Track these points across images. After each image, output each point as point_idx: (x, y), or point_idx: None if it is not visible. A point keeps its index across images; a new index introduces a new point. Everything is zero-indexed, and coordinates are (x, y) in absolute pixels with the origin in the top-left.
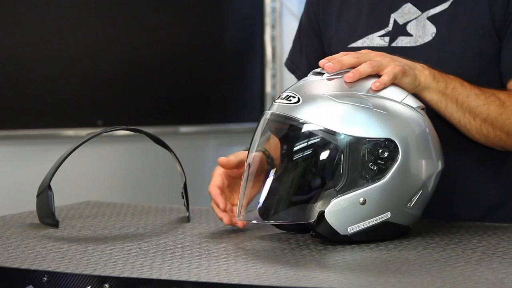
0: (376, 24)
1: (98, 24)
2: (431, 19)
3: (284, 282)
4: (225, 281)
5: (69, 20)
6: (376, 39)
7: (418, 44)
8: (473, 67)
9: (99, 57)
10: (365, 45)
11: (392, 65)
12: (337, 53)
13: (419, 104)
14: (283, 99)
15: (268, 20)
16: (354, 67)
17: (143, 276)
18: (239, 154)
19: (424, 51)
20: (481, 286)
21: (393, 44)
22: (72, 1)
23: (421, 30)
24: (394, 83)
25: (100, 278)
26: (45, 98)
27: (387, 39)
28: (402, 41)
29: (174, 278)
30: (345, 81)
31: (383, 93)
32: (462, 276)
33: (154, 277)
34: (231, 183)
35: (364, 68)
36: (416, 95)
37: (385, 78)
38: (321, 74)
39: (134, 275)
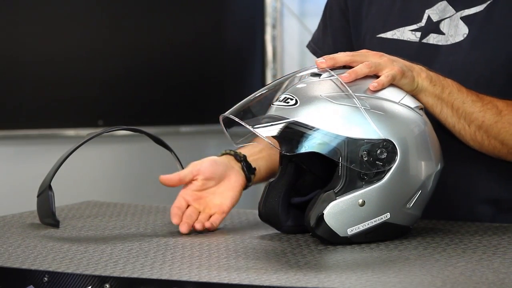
0: (409, 17)
1: (98, 24)
2: (464, 19)
3: (284, 282)
4: (225, 281)
5: (70, 20)
6: (407, 32)
7: (448, 43)
8: (500, 73)
9: (100, 57)
10: (395, 37)
11: (390, 66)
12: (365, 41)
13: (418, 104)
14: (281, 101)
15: (268, 20)
16: (349, 66)
17: (143, 276)
18: (190, 166)
19: (453, 51)
20: (482, 286)
21: (424, 40)
22: (73, 0)
23: (454, 29)
24: (392, 83)
25: (100, 278)
26: (46, 98)
27: (418, 34)
28: (433, 39)
29: (175, 278)
30: (342, 80)
31: (381, 94)
32: (463, 276)
33: (154, 277)
34: (197, 197)
35: (361, 69)
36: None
37: (383, 79)
38: (319, 75)
39: (135, 275)
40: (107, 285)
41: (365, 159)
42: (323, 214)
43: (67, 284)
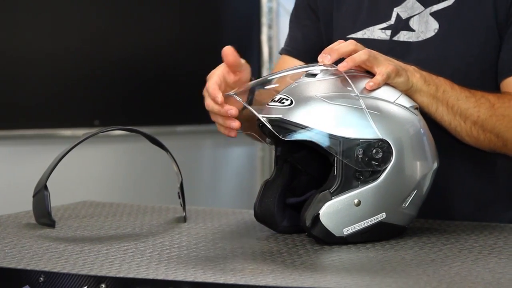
0: (378, 16)
1: (95, 24)
2: (434, 15)
3: (280, 282)
4: (221, 281)
5: (65, 20)
6: (377, 31)
7: (420, 39)
8: (474, 65)
9: (96, 57)
10: (365, 36)
11: (386, 64)
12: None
13: (413, 104)
14: (276, 101)
15: (264, 20)
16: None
17: (139, 276)
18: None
19: (426, 47)
20: (478, 286)
21: (395, 38)
22: (70, 0)
23: (424, 25)
24: (386, 83)
25: (96, 278)
26: (42, 98)
27: (388, 32)
28: (404, 36)
29: (170, 278)
30: (338, 69)
31: (376, 93)
32: (458, 276)
33: (150, 277)
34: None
35: (359, 56)
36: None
37: (378, 78)
38: (314, 75)
39: (131, 275)
40: (103, 285)
41: (361, 159)
42: (319, 214)
43: (63, 284)
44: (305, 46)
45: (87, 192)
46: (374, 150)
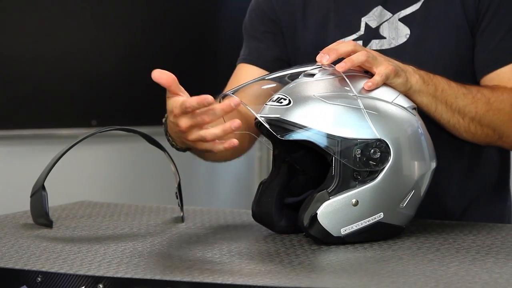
0: (347, 28)
1: (92, 24)
2: (403, 20)
3: (278, 282)
4: (219, 281)
5: (62, 19)
6: None
7: (392, 46)
8: (449, 67)
9: (93, 56)
10: None
11: (385, 64)
12: (307, 55)
13: (411, 104)
14: (274, 101)
15: None
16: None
17: (137, 276)
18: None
19: (399, 53)
20: (475, 286)
21: (367, 48)
22: (67, 0)
23: (394, 32)
24: (385, 83)
25: (94, 278)
26: (39, 98)
27: (360, 42)
28: (376, 44)
29: (168, 278)
30: (336, 70)
31: (374, 93)
32: (456, 276)
33: (148, 277)
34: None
35: (357, 57)
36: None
37: (377, 78)
38: (312, 75)
39: (128, 275)
40: (101, 285)
41: (359, 159)
42: (317, 214)
43: (61, 285)
44: (267, 56)
45: (84, 192)
46: (372, 150)
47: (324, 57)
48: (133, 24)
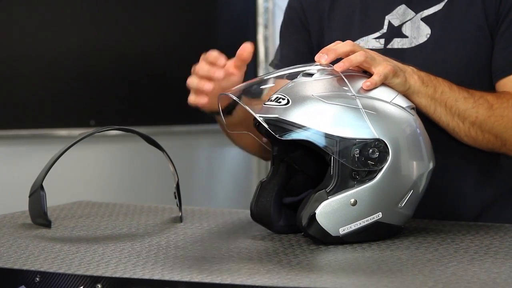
0: (371, 26)
1: (91, 24)
2: (425, 20)
3: (276, 282)
4: (217, 281)
5: (62, 20)
6: (371, 41)
7: (413, 45)
8: (468, 68)
9: (92, 57)
10: None
11: (384, 64)
12: None
13: (409, 104)
14: (273, 101)
15: (260, 20)
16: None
17: (135, 276)
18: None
19: (419, 53)
20: (474, 286)
21: (389, 46)
22: (66, 0)
23: (416, 31)
24: (384, 83)
25: (92, 278)
26: (38, 98)
27: (382, 41)
28: (398, 43)
29: (166, 278)
30: (335, 69)
31: (373, 93)
32: (454, 276)
33: (146, 277)
34: None
35: (356, 58)
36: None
37: (375, 78)
38: (310, 75)
39: (127, 275)
40: (99, 285)
41: (357, 158)
42: (315, 213)
43: (59, 284)
44: (297, 62)
45: (83, 192)
46: (371, 150)
47: (323, 56)
48: (133, 24)
